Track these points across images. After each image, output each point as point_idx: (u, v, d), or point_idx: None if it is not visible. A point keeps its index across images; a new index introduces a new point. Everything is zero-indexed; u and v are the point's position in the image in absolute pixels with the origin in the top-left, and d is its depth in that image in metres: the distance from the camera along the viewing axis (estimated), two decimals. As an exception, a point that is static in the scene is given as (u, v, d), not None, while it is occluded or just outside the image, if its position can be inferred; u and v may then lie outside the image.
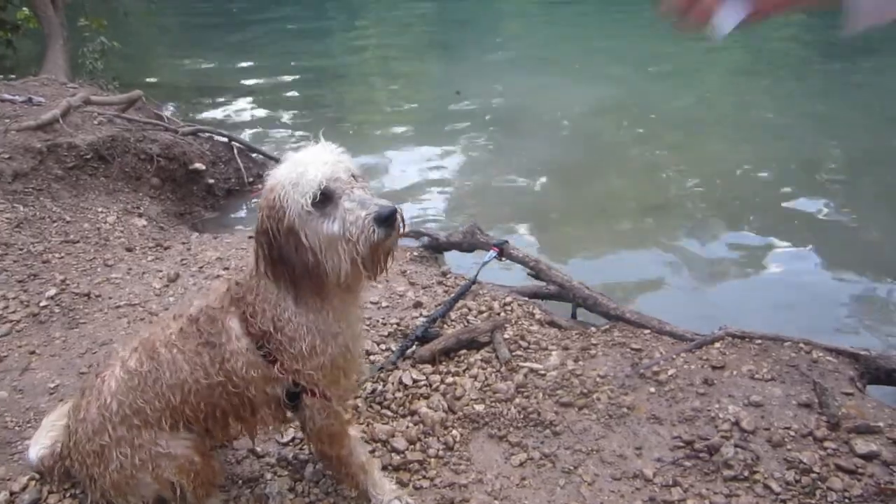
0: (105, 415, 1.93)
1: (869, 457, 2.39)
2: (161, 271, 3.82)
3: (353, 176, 1.82)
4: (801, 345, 3.01)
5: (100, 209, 4.66)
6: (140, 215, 4.86)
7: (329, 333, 1.92)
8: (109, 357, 2.05)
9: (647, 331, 3.29)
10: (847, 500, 2.25)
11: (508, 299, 3.55)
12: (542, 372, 2.95)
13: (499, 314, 3.40)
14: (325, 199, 1.73)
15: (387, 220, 1.73)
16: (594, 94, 8.73)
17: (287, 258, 1.78)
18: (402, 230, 1.82)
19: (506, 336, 3.20)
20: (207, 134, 6.28)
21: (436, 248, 4.36)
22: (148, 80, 9.73)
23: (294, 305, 1.86)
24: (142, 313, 3.40)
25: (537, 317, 3.46)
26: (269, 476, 2.42)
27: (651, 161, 6.71)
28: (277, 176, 1.79)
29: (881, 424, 2.52)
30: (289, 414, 2.11)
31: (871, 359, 2.92)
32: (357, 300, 2.01)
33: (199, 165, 5.73)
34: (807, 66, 10.26)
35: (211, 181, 5.84)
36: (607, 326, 3.41)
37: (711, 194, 5.92)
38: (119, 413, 1.92)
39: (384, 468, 2.44)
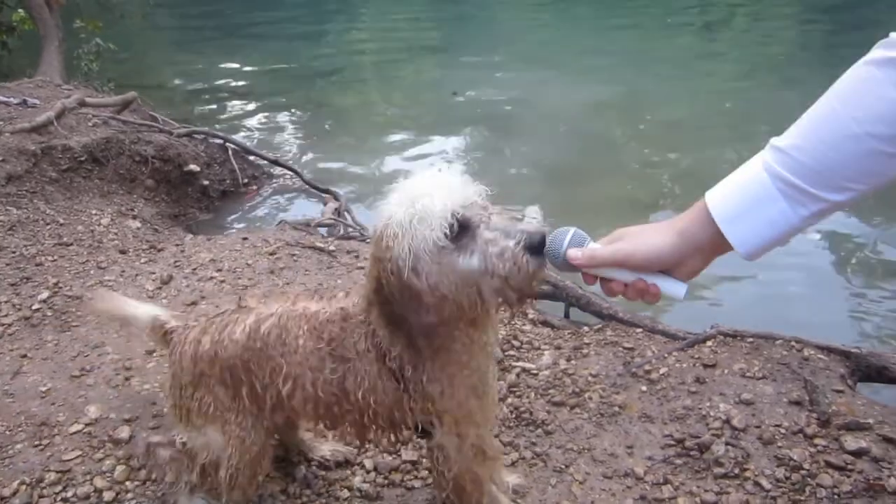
0: (218, 352, 1.88)
1: (858, 453, 2.40)
2: (154, 273, 3.83)
3: (485, 198, 1.57)
4: (793, 343, 3.02)
5: (94, 211, 4.66)
6: (134, 217, 4.86)
7: (456, 376, 1.75)
8: (248, 304, 1.97)
9: (639, 330, 3.29)
10: (836, 497, 2.26)
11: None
12: (535, 371, 2.95)
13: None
14: (462, 231, 1.47)
15: (540, 246, 1.44)
16: (590, 95, 8.74)
17: (407, 311, 1.57)
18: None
19: (498, 336, 3.20)
20: (202, 135, 6.29)
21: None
22: (143, 81, 9.70)
23: (411, 355, 1.70)
24: (135, 315, 3.40)
25: (530, 316, 3.46)
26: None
27: (646, 161, 6.72)
28: (392, 211, 1.52)
29: (871, 421, 2.53)
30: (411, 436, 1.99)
31: (861, 356, 2.93)
32: (485, 335, 1.78)
33: (193, 167, 5.73)
34: (804, 70, 10.24)
35: (206, 183, 5.84)
36: (600, 326, 3.42)
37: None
38: (230, 360, 1.86)
39: (375, 469, 2.45)
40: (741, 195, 1.21)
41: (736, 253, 1.25)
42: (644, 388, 2.82)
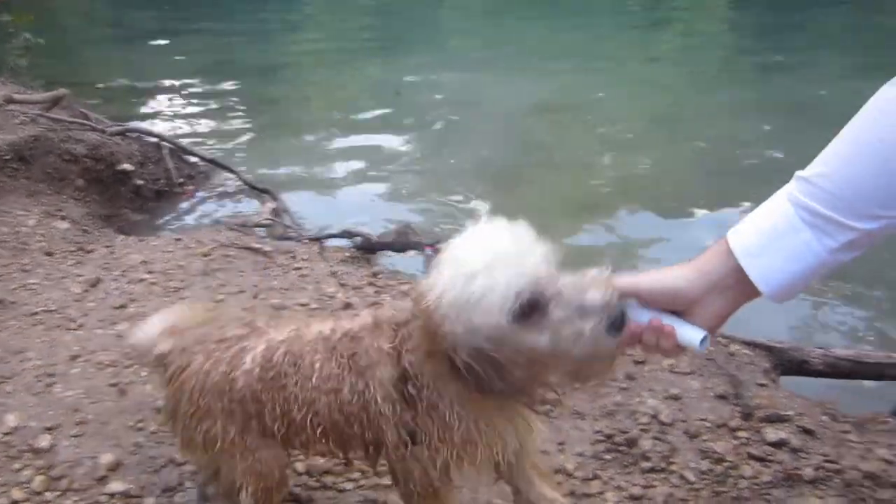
0: (227, 386, 1.81)
1: (778, 444, 2.48)
2: (82, 276, 3.72)
3: (552, 263, 1.42)
4: (719, 339, 3.10)
5: (19, 212, 4.51)
6: (63, 218, 4.71)
7: (486, 432, 1.63)
8: (255, 325, 1.92)
9: (572, 327, 3.33)
10: (756, 487, 2.33)
11: (438, 299, 3.56)
12: (469, 370, 2.96)
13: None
14: (530, 310, 1.32)
15: (621, 325, 1.28)
16: (531, 96, 8.81)
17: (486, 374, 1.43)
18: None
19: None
20: (136, 134, 6.15)
21: (368, 249, 4.34)
22: (76, 78, 9.41)
23: (458, 403, 1.59)
24: (59, 319, 3.30)
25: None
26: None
27: (587, 160, 6.81)
28: (445, 285, 1.36)
29: (791, 413, 2.62)
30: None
31: (783, 351, 3.03)
32: (528, 407, 1.70)
33: (126, 166, 5.60)
34: (739, 74, 10.53)
35: (139, 182, 5.71)
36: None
37: (646, 193, 6.03)
38: (241, 392, 1.79)
39: (307, 472, 2.43)
40: (763, 227, 1.13)
41: (761, 293, 1.13)
42: (577, 385, 2.86)
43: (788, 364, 3.03)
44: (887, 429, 2.67)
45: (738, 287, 1.15)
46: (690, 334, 1.18)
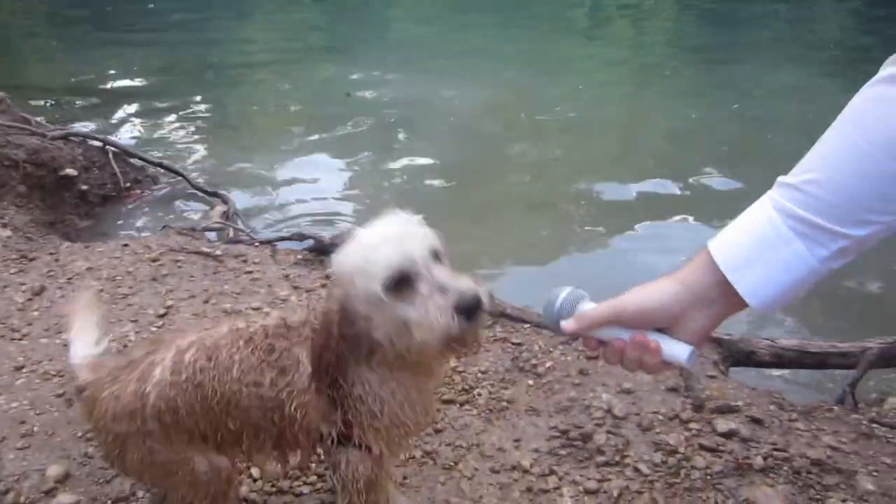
0: (139, 404, 1.75)
1: (729, 435, 2.54)
2: (25, 284, 3.61)
3: (435, 252, 1.62)
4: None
5: (-43, 220, 4.36)
6: (4, 226, 4.56)
7: (397, 402, 1.79)
8: (161, 340, 1.88)
9: (527, 325, 3.36)
10: (709, 477, 2.38)
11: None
12: (425, 370, 2.97)
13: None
14: (401, 284, 1.55)
15: (471, 309, 1.49)
16: (483, 96, 8.85)
17: (359, 339, 1.66)
18: (486, 316, 1.60)
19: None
20: (80, 138, 5.98)
21: (320, 251, 4.30)
22: (14, 81, 9.14)
23: (366, 371, 1.75)
24: (2, 330, 3.20)
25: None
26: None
27: (539, 161, 6.87)
28: (346, 260, 1.63)
29: (740, 404, 2.69)
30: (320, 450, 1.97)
31: (732, 343, 3.11)
32: (431, 373, 1.85)
33: (70, 171, 5.43)
34: (683, 68, 10.74)
35: (84, 188, 5.55)
36: (489, 322, 3.47)
37: (596, 193, 6.11)
38: (155, 406, 1.75)
39: (262, 476, 2.40)
40: (748, 240, 1.08)
41: (749, 306, 1.10)
42: (531, 382, 2.89)
43: (737, 356, 3.11)
44: (832, 416, 2.76)
45: (724, 300, 1.11)
46: (677, 349, 1.16)
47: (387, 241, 1.57)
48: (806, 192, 1.03)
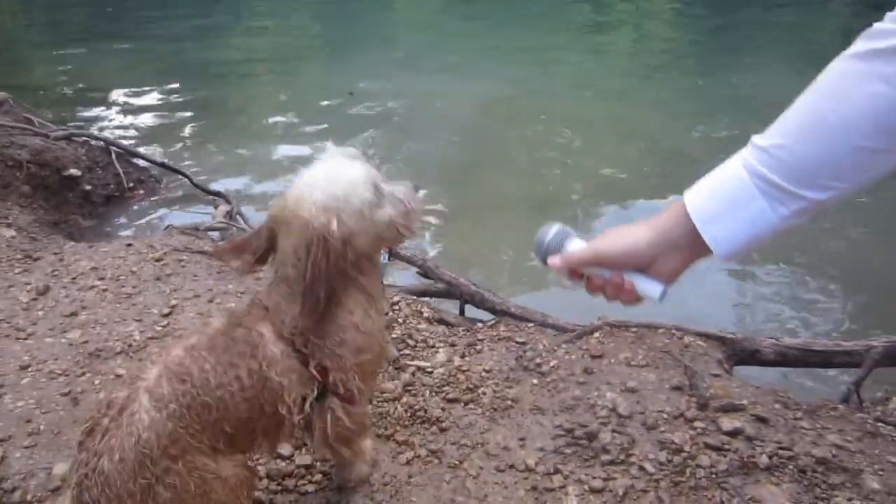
0: (145, 451, 1.74)
1: (734, 433, 2.53)
2: (29, 284, 3.62)
3: None
4: (674, 331, 3.16)
5: (-39, 221, 4.37)
6: (8, 225, 4.57)
7: (374, 330, 1.98)
8: (118, 390, 1.87)
9: (531, 324, 3.37)
10: (714, 475, 2.38)
11: (396, 299, 3.56)
12: (430, 369, 2.97)
13: (387, 314, 3.40)
14: (378, 195, 1.86)
15: (417, 187, 1.99)
16: (485, 94, 8.86)
17: (338, 272, 1.83)
18: None
19: (393, 335, 3.20)
20: (83, 138, 6.00)
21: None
22: (18, 81, 9.16)
23: (342, 313, 1.91)
24: (7, 329, 3.20)
25: (425, 315, 3.48)
26: None
27: (541, 159, 6.87)
28: (316, 199, 1.79)
29: (745, 402, 2.68)
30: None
31: (736, 341, 3.10)
32: (379, 295, 2.05)
33: (73, 171, 5.46)
34: (689, 67, 10.74)
35: (88, 188, 5.57)
36: (493, 322, 3.48)
37: (598, 192, 6.12)
38: (160, 446, 1.76)
39: (268, 476, 2.41)
40: (719, 194, 1.18)
41: (713, 252, 1.21)
42: (535, 381, 2.89)
43: (741, 354, 3.10)
44: (837, 415, 2.75)
45: (693, 247, 1.23)
46: (651, 288, 1.30)
47: (350, 166, 1.86)
48: (773, 155, 1.12)
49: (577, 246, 1.39)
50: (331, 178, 1.81)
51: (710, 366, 2.95)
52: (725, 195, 1.17)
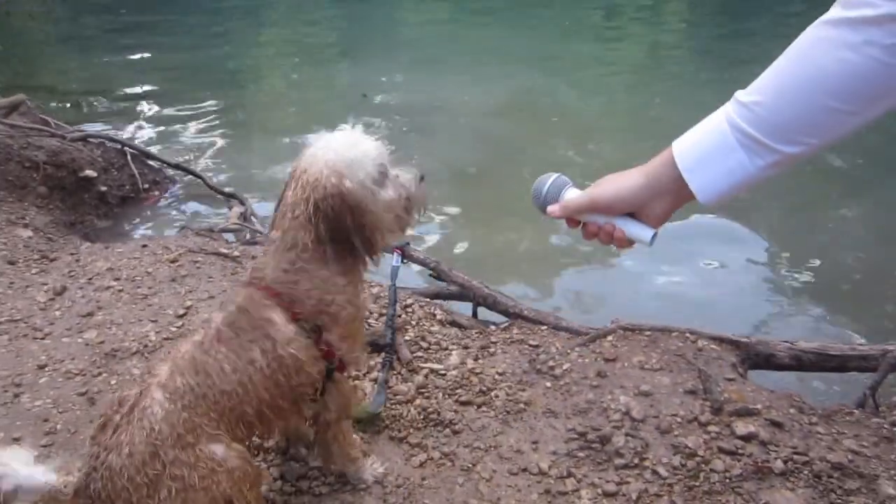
0: (157, 442, 1.79)
1: (748, 438, 2.52)
2: (46, 284, 3.65)
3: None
4: (688, 335, 3.15)
5: (-21, 221, 4.41)
6: (25, 226, 4.61)
7: (359, 302, 2.11)
8: (129, 388, 1.91)
9: (544, 327, 3.36)
10: (728, 480, 2.37)
11: (409, 301, 3.57)
12: (443, 372, 2.97)
13: (400, 316, 3.41)
14: (382, 175, 1.98)
15: (423, 178, 2.10)
16: (496, 97, 8.85)
17: (350, 237, 1.95)
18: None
19: (407, 338, 3.21)
20: (98, 140, 6.04)
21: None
22: (33, 83, 9.24)
23: (342, 279, 2.01)
24: (25, 329, 3.23)
25: (438, 317, 3.48)
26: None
27: (552, 161, 6.85)
28: (329, 160, 1.92)
29: (759, 407, 2.67)
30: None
31: (750, 345, 3.09)
32: (362, 270, 2.15)
33: (89, 173, 5.49)
34: (699, 67, 10.71)
35: (103, 189, 5.60)
36: (506, 324, 3.48)
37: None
38: (173, 435, 1.81)
39: (282, 477, 2.42)
40: (704, 144, 1.28)
41: (697, 198, 1.32)
42: (548, 383, 2.89)
43: (756, 358, 3.09)
44: (853, 420, 2.74)
45: (678, 192, 1.34)
46: (642, 232, 1.41)
47: (363, 141, 2.00)
48: (752, 110, 1.21)
49: (573, 194, 1.50)
50: (343, 145, 1.95)
51: (725, 370, 2.94)
52: (709, 146, 1.27)
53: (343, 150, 1.94)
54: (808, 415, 2.70)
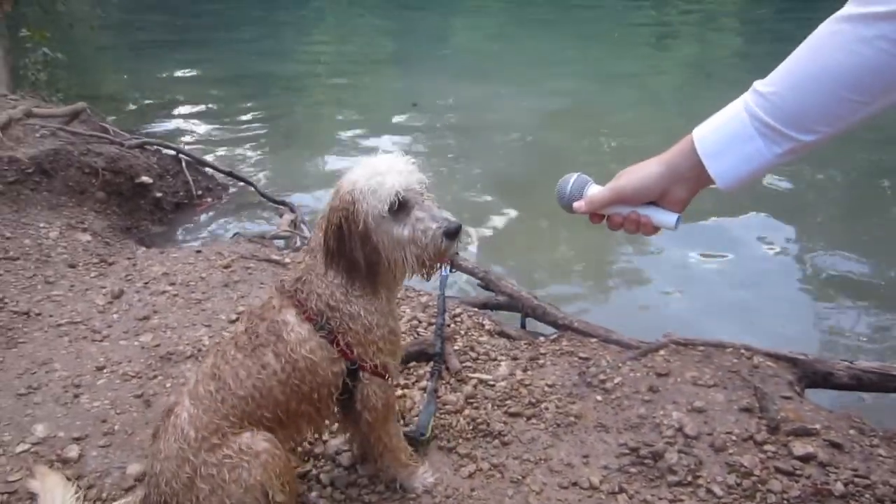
0: (185, 446, 1.91)
1: (806, 458, 2.46)
2: (105, 287, 3.75)
3: (424, 187, 2.00)
4: (742, 351, 3.08)
5: (42, 224, 4.54)
6: (84, 230, 4.75)
7: (381, 314, 2.09)
8: (172, 396, 2.09)
9: (594, 340, 3.33)
10: (786, 502, 2.31)
11: (458, 310, 3.57)
12: (492, 382, 2.96)
13: (449, 326, 3.41)
14: (400, 207, 1.92)
15: (455, 234, 1.94)
16: (546, 105, 8.85)
17: (352, 255, 1.97)
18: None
19: (455, 347, 3.21)
20: (155, 147, 6.19)
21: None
22: (93, 92, 9.52)
23: (352, 289, 2.02)
24: (84, 331, 3.32)
25: (487, 327, 3.48)
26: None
27: (600, 172, 6.73)
28: (354, 180, 1.95)
29: (817, 427, 2.60)
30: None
31: (808, 363, 3.01)
32: (396, 293, 2.22)
33: (145, 179, 5.63)
34: (749, 76, 10.53)
35: (158, 195, 5.74)
36: (556, 336, 3.45)
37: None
38: (198, 438, 1.91)
39: (331, 483, 2.44)
40: (723, 132, 1.32)
41: (716, 183, 1.35)
42: (599, 397, 2.85)
43: (813, 377, 3.01)
44: (916, 443, 2.64)
45: (698, 178, 1.38)
46: (665, 218, 1.45)
47: (392, 170, 1.93)
48: (770, 100, 1.25)
49: (595, 190, 1.54)
50: (369, 172, 1.94)
51: (781, 388, 2.87)
52: (728, 133, 1.31)
53: (367, 176, 1.94)
54: (868, 436, 2.62)
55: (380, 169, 1.94)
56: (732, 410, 2.72)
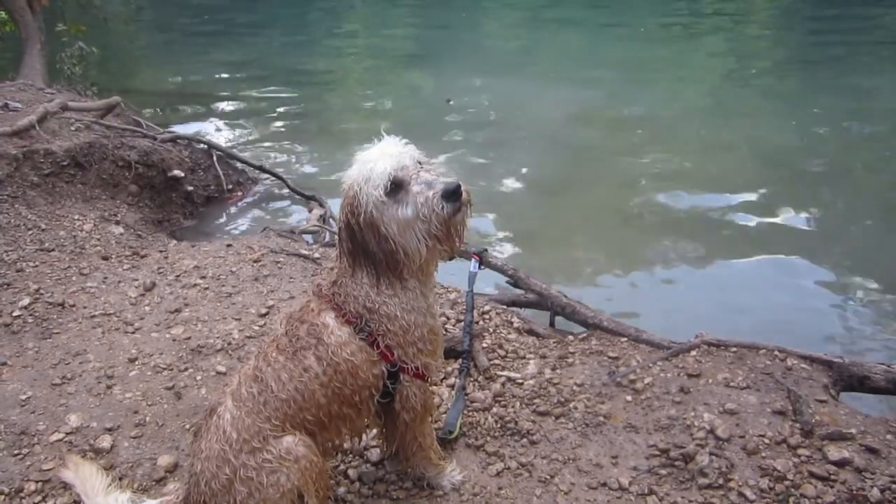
0: (226, 447, 1.92)
1: (841, 463, 2.41)
2: (137, 280, 3.79)
3: (419, 162, 1.97)
4: (776, 353, 3.03)
5: (76, 217, 4.61)
6: (117, 223, 4.81)
7: (417, 311, 2.05)
8: (218, 395, 2.07)
9: (624, 339, 3.30)
10: (820, 508, 2.27)
11: (487, 308, 3.55)
12: (520, 381, 2.95)
13: (477, 323, 3.40)
14: (396, 188, 1.89)
15: (453, 194, 1.88)
16: (577, 103, 8.79)
17: (368, 249, 1.95)
18: (470, 202, 1.96)
19: (484, 345, 3.20)
20: (186, 141, 6.25)
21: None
22: (127, 86, 9.64)
23: (381, 287, 2.00)
24: (117, 323, 3.37)
25: (515, 325, 3.46)
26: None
27: (632, 170, 6.74)
28: (351, 176, 1.95)
29: (853, 431, 2.54)
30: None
31: (843, 366, 2.95)
32: (431, 283, 2.12)
33: (177, 172, 5.69)
34: (783, 76, 10.35)
35: (190, 188, 5.81)
36: (585, 335, 3.42)
37: (691, 204, 5.95)
38: (239, 440, 1.92)
39: (359, 479, 2.44)
40: None
41: None
42: (629, 397, 2.83)
43: (849, 380, 2.94)
44: (955, 449, 2.58)
45: None
46: None
47: (382, 155, 1.92)
48: None
49: None
50: (364, 161, 1.93)
51: (816, 391, 2.81)
52: None
53: (362, 166, 1.93)
54: (906, 442, 2.56)
55: (371, 157, 1.93)
56: (765, 413, 2.68)
